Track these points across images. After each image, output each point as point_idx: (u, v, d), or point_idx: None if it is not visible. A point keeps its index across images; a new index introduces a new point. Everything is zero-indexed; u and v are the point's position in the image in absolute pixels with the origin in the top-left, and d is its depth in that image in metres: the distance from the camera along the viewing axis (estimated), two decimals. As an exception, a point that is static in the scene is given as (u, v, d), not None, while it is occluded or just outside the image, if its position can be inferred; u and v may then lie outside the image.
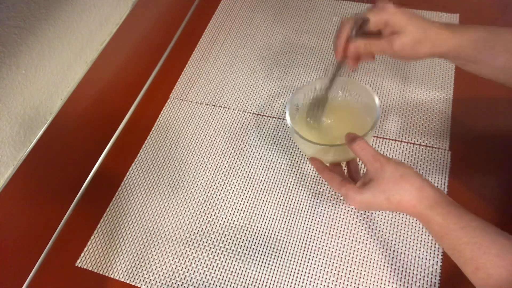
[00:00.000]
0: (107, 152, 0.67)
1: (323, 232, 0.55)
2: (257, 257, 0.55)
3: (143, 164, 0.65)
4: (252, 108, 0.69)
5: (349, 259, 0.53)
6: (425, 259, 0.52)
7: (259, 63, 0.75)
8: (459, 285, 0.50)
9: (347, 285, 0.51)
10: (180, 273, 0.54)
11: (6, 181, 0.65)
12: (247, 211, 0.58)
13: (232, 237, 0.56)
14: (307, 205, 0.58)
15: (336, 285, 0.51)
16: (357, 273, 0.52)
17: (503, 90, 0.64)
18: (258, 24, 0.81)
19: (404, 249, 0.53)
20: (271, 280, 0.53)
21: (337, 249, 0.54)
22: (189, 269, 0.54)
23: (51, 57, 0.70)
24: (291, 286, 0.52)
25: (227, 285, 0.53)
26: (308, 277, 0.52)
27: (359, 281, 0.51)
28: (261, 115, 0.68)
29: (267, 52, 0.76)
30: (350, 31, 0.49)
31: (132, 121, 0.71)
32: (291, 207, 0.58)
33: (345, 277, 0.52)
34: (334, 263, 0.53)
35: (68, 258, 0.57)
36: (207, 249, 0.56)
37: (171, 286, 0.54)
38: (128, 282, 0.54)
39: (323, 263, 0.53)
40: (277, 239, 0.56)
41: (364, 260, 0.53)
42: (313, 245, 0.54)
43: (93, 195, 0.63)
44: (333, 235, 0.55)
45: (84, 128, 0.71)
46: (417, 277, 0.51)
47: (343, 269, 0.52)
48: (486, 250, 0.38)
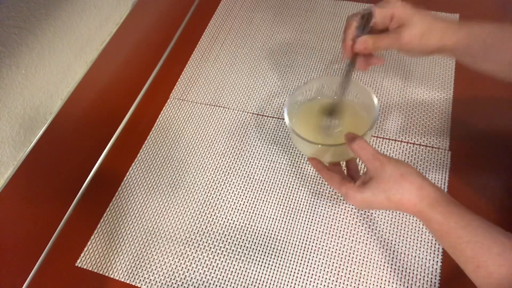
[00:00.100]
0: (107, 152, 0.67)
1: (323, 232, 0.55)
2: (257, 257, 0.55)
3: (143, 164, 0.65)
4: (252, 108, 0.69)
5: (349, 259, 0.53)
6: (425, 259, 0.52)
7: (259, 63, 0.75)
8: (459, 285, 0.50)
9: (347, 285, 0.51)
10: (180, 273, 0.54)
11: (6, 181, 0.65)
12: (247, 211, 0.58)
13: (232, 237, 0.56)
14: (307, 205, 0.58)
15: (336, 285, 0.51)
16: (357, 273, 0.52)
17: (503, 89, 0.65)
18: (258, 24, 0.81)
19: (404, 249, 0.53)
20: (271, 280, 0.53)
21: (337, 249, 0.54)
22: (189, 269, 0.54)
23: (51, 57, 0.70)
24: (291, 286, 0.52)
25: (227, 285, 0.53)
26: (308, 277, 0.52)
27: (359, 281, 0.51)
28: (261, 115, 0.68)
29: (267, 52, 0.76)
30: (356, 27, 0.49)
31: (132, 121, 0.71)
32: (291, 207, 0.58)
33: (345, 277, 0.52)
34: (334, 263, 0.53)
35: (68, 258, 0.57)
36: (207, 249, 0.56)
37: (171, 286, 0.54)
38: (128, 282, 0.54)
39: (323, 263, 0.53)
40: (277, 239, 0.56)
41: (364, 260, 0.53)
42: (313, 245, 0.54)
43: (93, 195, 0.63)
44: (333, 235, 0.55)
45: (84, 128, 0.71)
46: (417, 277, 0.51)
47: (343, 269, 0.52)
48: (487, 249, 0.38)
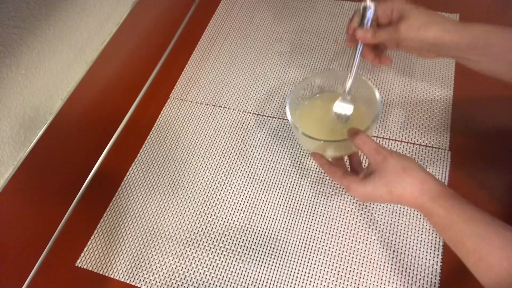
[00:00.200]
0: (107, 152, 0.67)
1: (323, 232, 0.55)
2: (257, 257, 0.55)
3: (143, 164, 0.65)
4: (252, 108, 0.69)
5: (349, 259, 0.53)
6: (425, 259, 0.52)
7: (259, 63, 0.75)
8: (459, 285, 0.50)
9: (347, 285, 0.51)
10: (180, 273, 0.54)
11: (6, 181, 0.65)
12: (247, 211, 0.58)
13: (232, 237, 0.56)
14: (307, 205, 0.58)
15: (336, 285, 0.51)
16: (357, 273, 0.52)
17: (503, 89, 0.65)
18: (258, 24, 0.81)
19: (404, 249, 0.53)
20: (271, 280, 0.53)
21: (337, 249, 0.54)
22: (189, 269, 0.54)
23: (51, 57, 0.70)
24: (291, 286, 0.52)
25: (227, 285, 0.53)
26: (308, 277, 0.52)
27: (359, 281, 0.51)
28: (261, 115, 0.68)
29: (267, 52, 0.76)
30: (357, 20, 0.51)
31: (132, 121, 0.71)
32: (291, 207, 0.58)
33: (345, 277, 0.52)
34: (334, 263, 0.53)
35: (68, 258, 0.57)
36: (207, 249, 0.56)
37: (171, 286, 0.54)
38: (128, 282, 0.54)
39: (323, 263, 0.53)
40: (277, 239, 0.56)
41: (364, 260, 0.53)
42: (313, 245, 0.54)
43: (93, 195, 0.63)
44: (333, 235, 0.55)
45: (84, 128, 0.71)
46: (417, 277, 0.51)
47: (343, 269, 0.52)
48: (488, 242, 0.38)
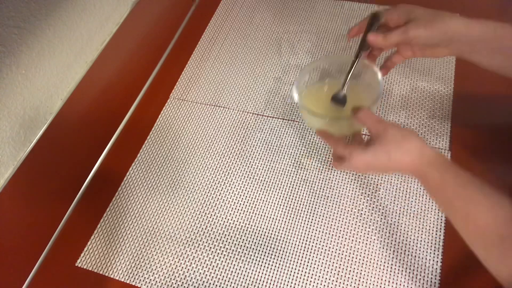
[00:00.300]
0: (107, 152, 0.67)
1: (323, 232, 0.55)
2: (257, 257, 0.55)
3: (143, 164, 0.65)
4: (252, 108, 0.69)
5: (349, 259, 0.53)
6: (425, 259, 0.52)
7: (259, 63, 0.75)
8: (459, 285, 0.50)
9: (347, 285, 0.51)
10: (180, 273, 0.54)
11: (6, 181, 0.65)
12: (247, 211, 0.58)
13: (232, 237, 0.56)
14: (307, 205, 0.58)
15: (336, 285, 0.51)
16: (357, 273, 0.52)
17: (503, 87, 0.65)
18: (258, 24, 0.81)
19: (404, 249, 0.53)
20: (271, 280, 0.53)
21: (337, 249, 0.54)
22: (189, 269, 0.55)
23: (51, 57, 0.70)
24: (291, 286, 0.52)
25: (227, 285, 0.53)
26: (308, 277, 0.52)
27: (359, 281, 0.51)
28: (261, 115, 0.68)
29: (267, 52, 0.76)
30: (366, 24, 0.52)
31: (132, 121, 0.71)
32: (291, 207, 0.58)
33: (345, 277, 0.52)
34: (334, 263, 0.53)
35: (68, 258, 0.57)
36: (207, 249, 0.56)
37: (171, 286, 0.54)
38: (128, 282, 0.54)
39: (323, 263, 0.53)
40: (277, 239, 0.56)
41: (364, 260, 0.53)
42: (313, 245, 0.54)
43: (93, 195, 0.63)
44: (333, 235, 0.55)
45: (84, 128, 0.71)
46: (417, 277, 0.51)
47: (343, 269, 0.52)
48: (477, 203, 0.40)
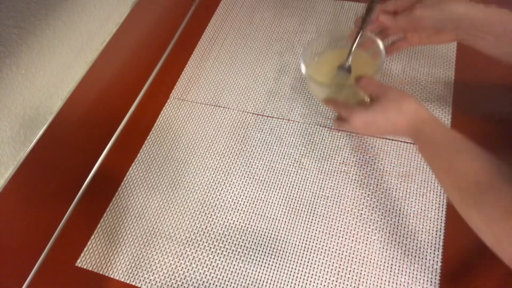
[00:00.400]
0: (107, 152, 0.67)
1: (323, 232, 0.55)
2: (257, 257, 0.55)
3: (143, 164, 0.65)
4: (252, 108, 0.69)
5: (349, 259, 0.53)
6: (425, 259, 0.52)
7: (259, 63, 0.75)
8: (459, 284, 0.50)
9: (347, 285, 0.51)
10: (180, 273, 0.54)
11: (6, 181, 0.65)
12: (247, 211, 0.58)
13: (232, 237, 0.56)
14: (307, 205, 0.58)
15: (336, 285, 0.51)
16: (357, 273, 0.52)
17: (504, 75, 0.65)
18: (258, 24, 0.81)
19: (404, 249, 0.53)
20: (271, 280, 0.53)
21: (337, 249, 0.54)
22: (189, 269, 0.55)
23: (51, 57, 0.70)
24: (291, 286, 0.52)
25: (227, 285, 0.53)
26: (308, 277, 0.52)
27: (359, 281, 0.51)
28: (261, 115, 0.68)
29: (267, 52, 0.76)
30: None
31: (132, 121, 0.71)
32: (291, 207, 0.58)
33: (345, 277, 0.52)
34: (334, 263, 0.53)
35: (68, 258, 0.57)
36: (207, 249, 0.56)
37: (171, 286, 0.54)
38: (128, 282, 0.54)
39: (323, 263, 0.53)
40: (277, 239, 0.56)
41: (364, 260, 0.53)
42: (313, 245, 0.54)
43: (93, 195, 0.63)
44: (333, 235, 0.55)
45: (84, 128, 0.71)
46: (417, 277, 0.51)
47: (343, 269, 0.52)
48: (462, 154, 0.42)
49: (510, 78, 0.65)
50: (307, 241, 0.55)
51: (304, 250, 0.54)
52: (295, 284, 0.52)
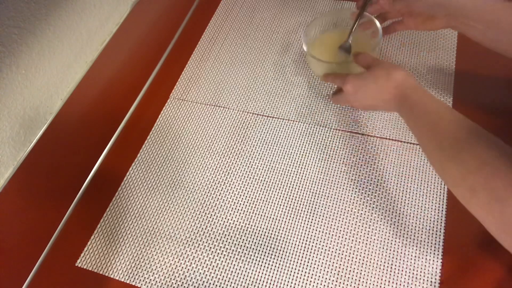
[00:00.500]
0: (107, 152, 0.67)
1: (323, 232, 0.55)
2: (257, 257, 0.55)
3: (143, 164, 0.65)
4: (252, 108, 0.69)
5: (349, 259, 0.53)
6: (425, 259, 0.52)
7: (259, 63, 0.75)
8: (459, 285, 0.50)
9: (347, 285, 0.51)
10: (180, 273, 0.54)
11: (6, 181, 0.65)
12: (247, 211, 0.58)
13: (232, 237, 0.56)
14: (307, 205, 0.58)
15: (336, 285, 0.51)
16: (357, 273, 0.52)
17: (505, 65, 0.65)
18: (258, 24, 0.81)
19: (404, 249, 0.53)
20: (271, 280, 0.53)
21: (337, 249, 0.54)
22: (189, 269, 0.55)
23: (51, 57, 0.70)
24: (291, 286, 0.52)
25: (227, 285, 0.53)
26: (308, 277, 0.52)
27: (359, 281, 0.51)
28: (261, 115, 0.68)
29: (267, 52, 0.76)
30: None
31: (132, 121, 0.71)
32: (291, 207, 0.58)
33: (345, 277, 0.52)
34: (334, 263, 0.53)
35: (68, 258, 0.57)
36: (207, 249, 0.56)
37: (171, 286, 0.54)
38: (128, 282, 0.54)
39: (323, 263, 0.53)
40: (277, 239, 0.56)
41: (364, 260, 0.53)
42: (313, 245, 0.54)
43: (93, 195, 0.63)
44: (333, 235, 0.55)
45: (84, 128, 0.71)
46: (417, 277, 0.51)
47: (343, 269, 0.52)
48: (444, 116, 0.44)
49: (511, 68, 0.65)
50: (307, 241, 0.55)
51: (304, 250, 0.54)
52: (295, 284, 0.52)
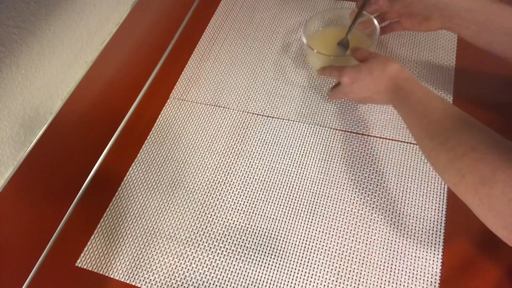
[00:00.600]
0: (107, 152, 0.67)
1: (323, 232, 0.55)
2: (257, 257, 0.55)
3: (143, 164, 0.65)
4: (252, 108, 0.69)
5: (349, 259, 0.53)
6: (425, 259, 0.52)
7: (259, 63, 0.75)
8: (459, 285, 0.50)
9: (347, 285, 0.51)
10: (180, 273, 0.54)
11: (6, 181, 0.65)
12: (247, 211, 0.58)
13: (232, 237, 0.56)
14: (307, 205, 0.58)
15: (336, 285, 0.51)
16: (357, 273, 0.52)
17: (505, 71, 0.66)
18: (258, 24, 0.81)
19: (404, 249, 0.53)
20: (271, 280, 0.53)
21: (337, 249, 0.54)
22: (189, 269, 0.55)
23: (51, 57, 0.70)
24: (291, 286, 0.52)
25: (227, 285, 0.53)
26: (308, 277, 0.52)
27: (359, 281, 0.51)
28: (261, 115, 0.68)
29: (267, 52, 0.76)
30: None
31: (132, 121, 0.71)
32: (291, 207, 0.58)
33: (345, 277, 0.52)
34: (334, 263, 0.53)
35: (68, 258, 0.57)
36: (207, 249, 0.56)
37: (171, 286, 0.54)
38: (128, 282, 0.54)
39: (323, 263, 0.53)
40: (277, 239, 0.56)
41: (364, 260, 0.53)
42: (313, 245, 0.54)
43: (93, 195, 0.63)
44: (333, 235, 0.55)
45: (84, 128, 0.71)
46: (417, 277, 0.51)
47: (343, 269, 0.52)
48: (435, 105, 0.45)
49: (511, 68, 0.65)
50: (307, 241, 0.55)
51: (304, 250, 0.54)
52: (295, 284, 0.52)
